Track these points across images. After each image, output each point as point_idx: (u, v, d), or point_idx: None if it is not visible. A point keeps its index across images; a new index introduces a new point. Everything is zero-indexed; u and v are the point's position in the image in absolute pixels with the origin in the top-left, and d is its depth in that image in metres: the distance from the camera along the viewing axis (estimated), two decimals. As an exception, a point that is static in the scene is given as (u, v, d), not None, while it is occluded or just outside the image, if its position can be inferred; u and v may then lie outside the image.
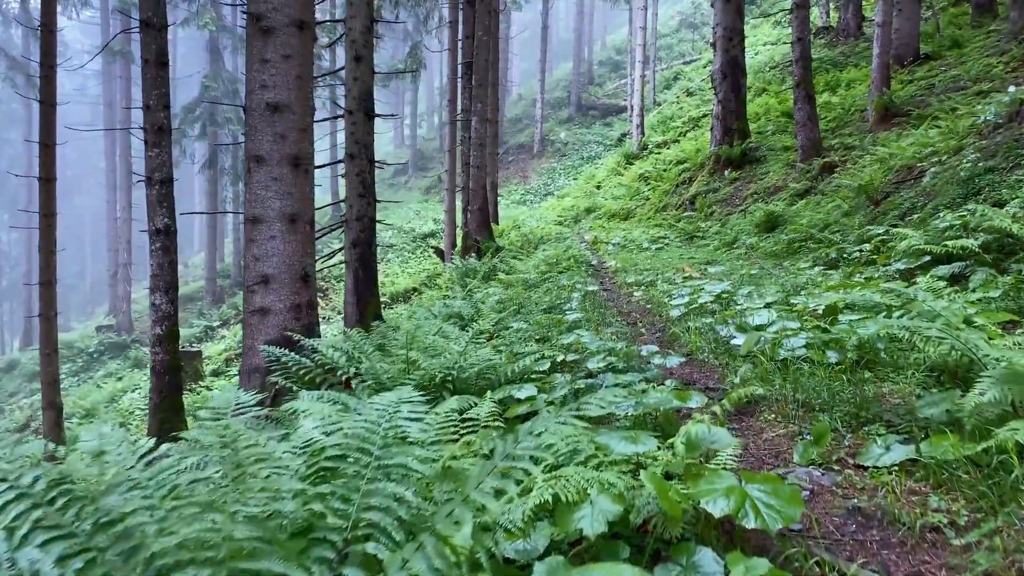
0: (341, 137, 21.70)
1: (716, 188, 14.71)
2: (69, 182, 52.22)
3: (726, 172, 15.04)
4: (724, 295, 5.15)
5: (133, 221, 30.15)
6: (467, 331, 3.78)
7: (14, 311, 40.57)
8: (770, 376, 3.01)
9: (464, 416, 2.34)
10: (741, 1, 15.87)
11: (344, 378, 4.80)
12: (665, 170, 19.52)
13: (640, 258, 10.23)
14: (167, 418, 8.61)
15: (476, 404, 2.51)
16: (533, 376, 3.23)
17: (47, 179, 13.40)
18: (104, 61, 27.40)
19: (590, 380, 2.78)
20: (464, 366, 3.20)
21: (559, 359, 3.61)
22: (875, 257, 5.93)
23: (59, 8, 26.83)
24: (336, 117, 11.83)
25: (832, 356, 3.03)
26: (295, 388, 4.52)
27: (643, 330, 4.76)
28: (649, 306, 5.78)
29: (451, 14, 19.57)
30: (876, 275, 5.07)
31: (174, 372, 8.77)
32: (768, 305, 4.19)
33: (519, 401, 2.73)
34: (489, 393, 2.54)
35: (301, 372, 3.79)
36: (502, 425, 2.27)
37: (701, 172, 16.16)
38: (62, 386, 25.25)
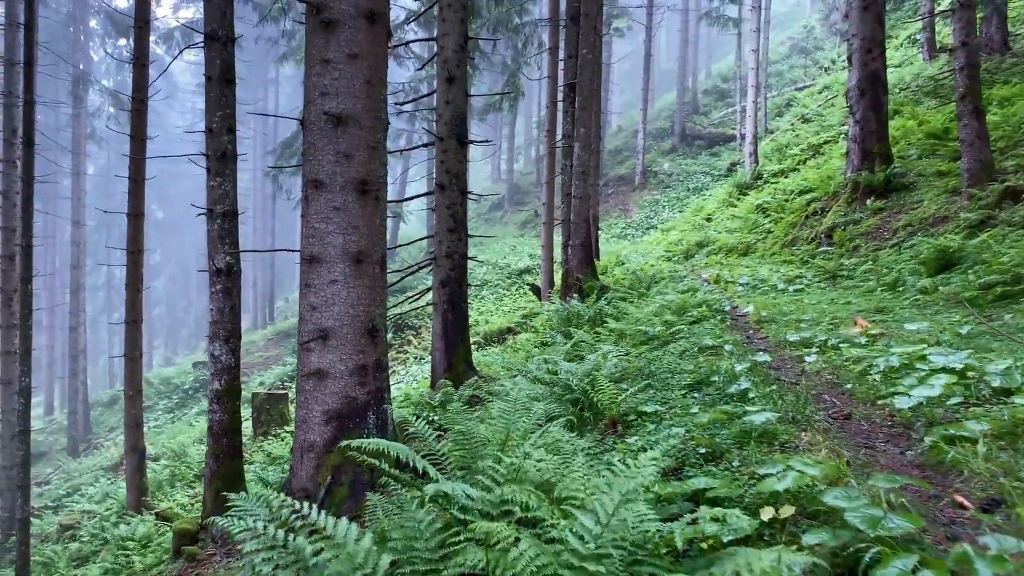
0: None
1: (857, 220, 12.71)
2: (178, 216, 54.12)
3: (867, 201, 13.03)
4: (969, 372, 3.47)
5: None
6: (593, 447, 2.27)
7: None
8: None
9: None
10: (881, 8, 13.92)
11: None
12: (787, 200, 17.57)
13: (781, 302, 8.46)
14: (224, 487, 7.42)
15: None
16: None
17: (135, 215, 12.84)
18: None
19: None
20: (603, 549, 1.70)
21: (769, 513, 2.09)
22: None
23: (164, 48, 27.45)
24: (427, 145, 10.66)
25: None
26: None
27: (874, 438, 3.10)
28: (845, 383, 4.11)
29: (551, 39, 18.39)
30: None
31: (233, 434, 7.59)
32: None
33: None
34: None
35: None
36: None
37: (835, 202, 14.17)
38: (157, 423, 25.24)
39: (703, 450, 2.94)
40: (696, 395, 4.10)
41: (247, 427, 18.64)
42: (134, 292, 13.20)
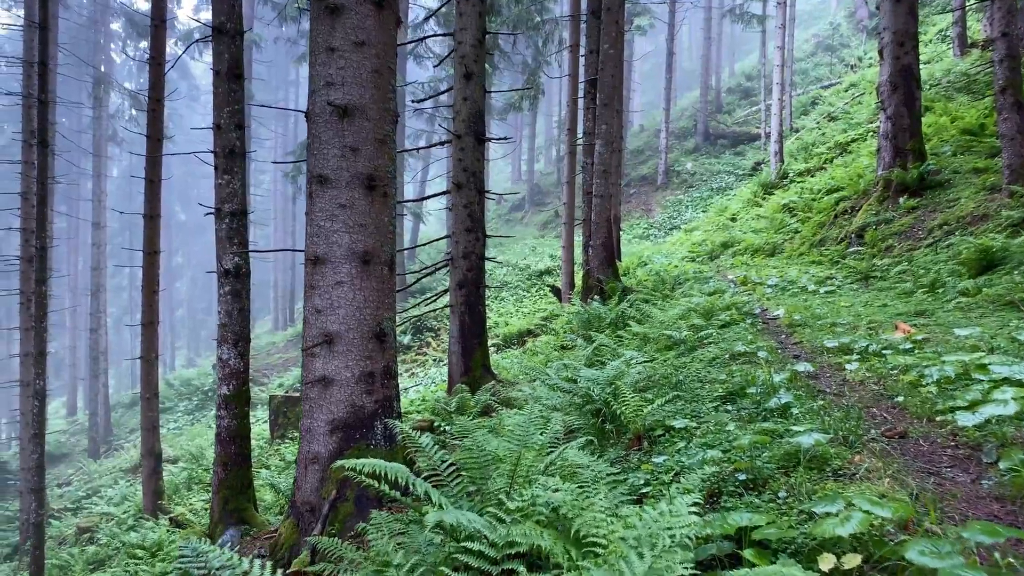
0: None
1: (889, 219, 12.25)
2: (200, 218, 54.40)
3: (900, 200, 12.55)
4: (1037, 385, 3.11)
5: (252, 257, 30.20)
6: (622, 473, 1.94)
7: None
8: None
9: None
10: (914, 0, 13.42)
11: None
12: (814, 199, 17.11)
13: (813, 305, 8.06)
14: (231, 497, 7.18)
15: None
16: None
17: (151, 216, 12.67)
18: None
19: None
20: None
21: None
22: None
23: (179, 45, 27.42)
24: (444, 143, 10.39)
25: None
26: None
27: (942, 464, 2.71)
28: (895, 396, 3.71)
29: (572, 37, 18.05)
30: None
31: (242, 440, 7.34)
32: None
33: None
34: None
35: None
36: None
37: (866, 200, 13.70)
38: (177, 424, 25.21)
39: (743, 476, 2.59)
40: (729, 408, 3.73)
41: (264, 430, 18.49)
42: (150, 294, 13.03)
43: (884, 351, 4.69)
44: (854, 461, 2.64)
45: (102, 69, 26.88)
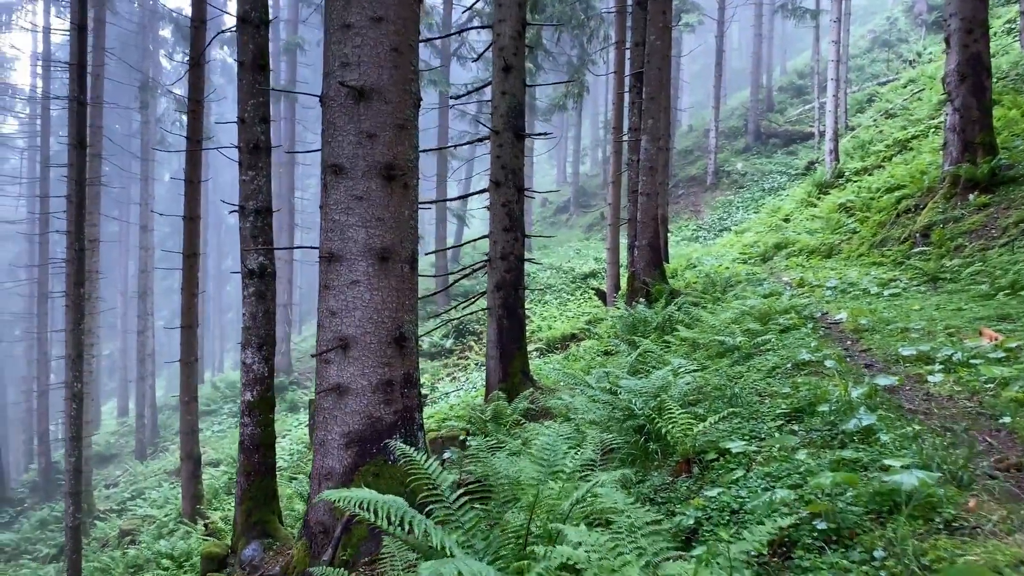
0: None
1: (958, 217, 11.43)
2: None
3: (970, 196, 11.71)
4: None
5: (295, 261, 30.27)
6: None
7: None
8: None
9: None
10: (984, -16, 12.54)
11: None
12: (873, 198, 16.25)
13: (878, 308, 7.40)
14: (254, 508, 6.84)
15: None
16: None
17: (191, 217, 12.53)
18: (273, 99, 27.73)
19: None
20: None
21: None
22: None
23: (226, 50, 27.58)
24: (483, 139, 9.99)
25: None
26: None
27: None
28: (999, 416, 3.10)
29: (618, 33, 17.53)
30: None
31: (267, 449, 7.00)
32: None
33: None
34: None
35: None
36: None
37: (931, 198, 12.86)
38: (221, 427, 25.26)
39: (823, 525, 2.03)
40: (796, 429, 3.17)
41: (305, 434, 18.31)
42: (189, 296, 12.92)
43: (972, 360, 4.08)
44: (969, 507, 2.08)
45: (150, 74, 27.18)
